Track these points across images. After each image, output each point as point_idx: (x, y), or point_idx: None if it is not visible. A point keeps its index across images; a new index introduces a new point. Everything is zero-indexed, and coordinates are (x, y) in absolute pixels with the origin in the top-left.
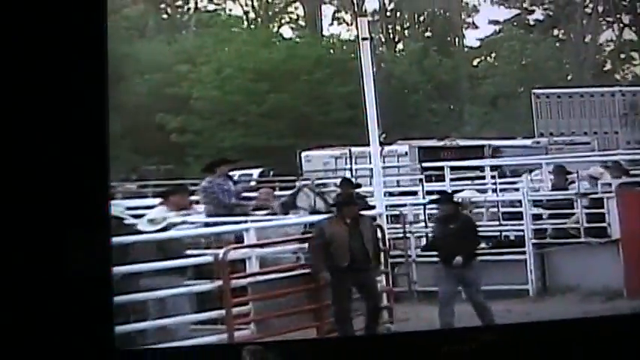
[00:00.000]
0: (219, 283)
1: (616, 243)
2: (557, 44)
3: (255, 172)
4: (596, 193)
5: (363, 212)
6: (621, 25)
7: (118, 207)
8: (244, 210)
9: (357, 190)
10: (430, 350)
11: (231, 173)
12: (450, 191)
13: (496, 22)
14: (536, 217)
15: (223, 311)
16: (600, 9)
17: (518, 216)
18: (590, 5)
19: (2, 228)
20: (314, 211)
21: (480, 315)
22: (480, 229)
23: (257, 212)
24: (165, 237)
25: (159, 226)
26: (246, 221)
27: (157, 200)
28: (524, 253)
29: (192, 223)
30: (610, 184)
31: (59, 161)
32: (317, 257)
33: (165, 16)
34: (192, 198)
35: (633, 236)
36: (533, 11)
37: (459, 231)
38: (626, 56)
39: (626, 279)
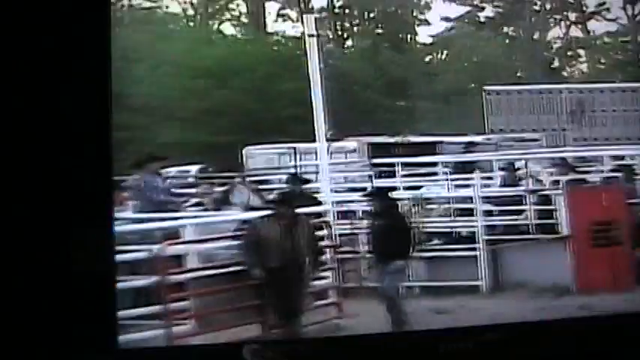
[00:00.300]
0: (156, 278)
1: (565, 240)
2: (507, 41)
3: (194, 169)
4: (545, 189)
5: (301, 210)
6: (568, 22)
7: None
8: (175, 207)
9: (305, 187)
10: (428, 349)
11: (168, 170)
12: (379, 187)
13: (448, 19)
14: (489, 214)
15: (161, 306)
16: (548, 6)
17: (471, 212)
18: (539, 3)
19: (5, 226)
20: (249, 208)
21: (389, 312)
22: (412, 226)
23: (192, 208)
24: None
25: None
26: (182, 217)
27: None
28: (476, 249)
29: (123, 219)
30: (558, 181)
31: (61, 158)
32: (249, 256)
33: None
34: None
35: (581, 233)
36: (484, 8)
37: (389, 227)
38: (573, 54)
39: (574, 276)
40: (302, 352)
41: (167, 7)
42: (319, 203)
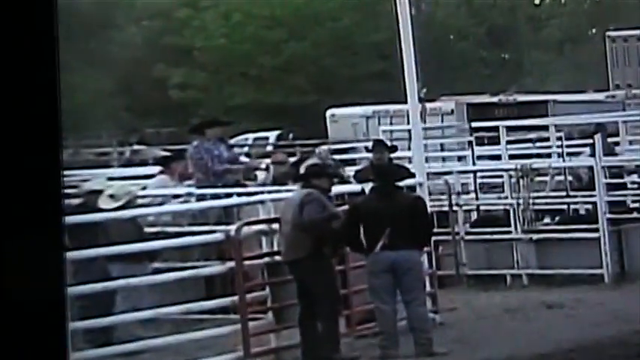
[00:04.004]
0: (231, 264)
1: None
2: None
3: (272, 135)
4: None
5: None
6: None
7: (99, 179)
8: (235, 179)
9: (393, 155)
10: None
11: (246, 136)
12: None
13: None
14: (612, 187)
15: (235, 297)
16: None
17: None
18: None
19: None
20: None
21: (411, 327)
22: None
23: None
24: (132, 215)
25: (119, 203)
26: (259, 193)
27: (157, 169)
28: (597, 230)
29: (189, 195)
30: None
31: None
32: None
33: None
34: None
35: None
36: None
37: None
38: None
39: None
40: None
41: None
42: (411, 175)
